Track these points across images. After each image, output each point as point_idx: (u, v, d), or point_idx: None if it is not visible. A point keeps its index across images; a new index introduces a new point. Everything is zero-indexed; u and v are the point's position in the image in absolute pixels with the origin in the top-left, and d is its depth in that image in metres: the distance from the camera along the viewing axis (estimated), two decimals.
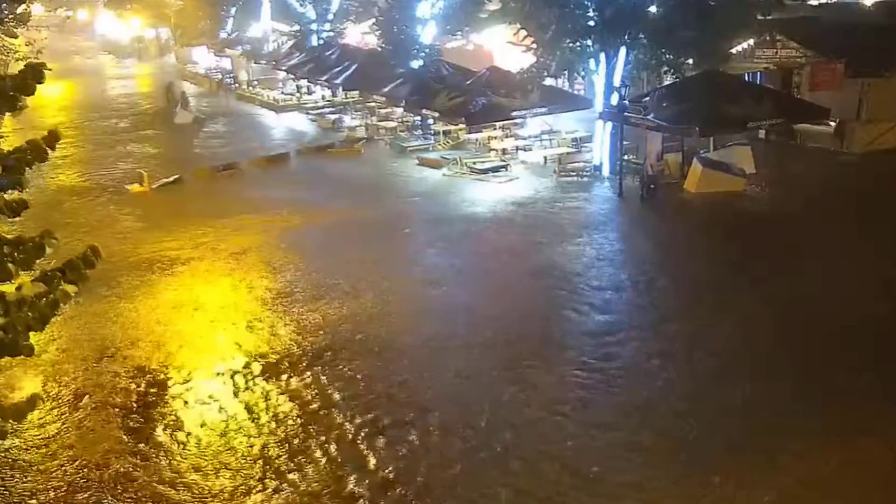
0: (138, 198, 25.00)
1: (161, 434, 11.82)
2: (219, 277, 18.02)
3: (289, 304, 16.17)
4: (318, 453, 11.09)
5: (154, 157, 30.83)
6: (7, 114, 7.60)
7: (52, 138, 7.44)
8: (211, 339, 14.97)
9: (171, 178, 26.28)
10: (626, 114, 22.68)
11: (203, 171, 27.53)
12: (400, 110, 32.32)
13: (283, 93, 42.13)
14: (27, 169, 7.46)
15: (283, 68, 41.34)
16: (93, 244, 7.74)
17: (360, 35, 41.88)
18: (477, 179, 24.98)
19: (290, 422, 11.92)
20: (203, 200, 24.30)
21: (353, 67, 34.01)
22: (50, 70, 8.06)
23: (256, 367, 13.65)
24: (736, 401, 11.92)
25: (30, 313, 7.26)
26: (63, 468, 11.11)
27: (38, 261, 7.62)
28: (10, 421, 8.02)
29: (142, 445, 11.52)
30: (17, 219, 8.08)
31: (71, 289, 7.43)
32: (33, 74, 7.57)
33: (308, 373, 13.34)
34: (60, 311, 7.93)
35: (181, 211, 23.07)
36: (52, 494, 10.58)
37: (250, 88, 45.09)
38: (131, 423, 12.11)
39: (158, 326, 15.55)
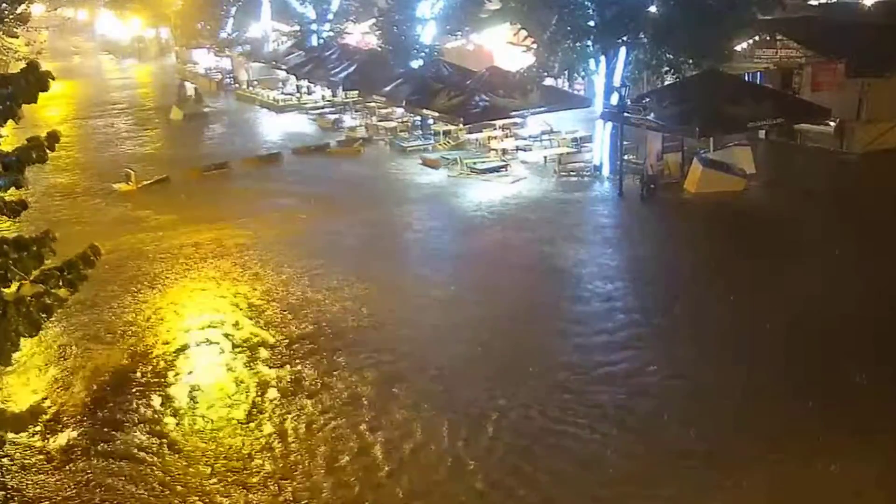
0: (124, 197, 25.02)
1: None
2: (194, 282, 17.89)
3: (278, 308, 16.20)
4: None
5: (149, 157, 30.83)
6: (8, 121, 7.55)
7: (52, 140, 7.41)
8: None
9: (159, 178, 26.36)
10: (626, 114, 22.68)
11: (193, 170, 27.54)
12: (400, 110, 32.31)
13: (282, 93, 42.12)
14: (26, 168, 7.43)
15: (283, 67, 41.38)
16: (93, 243, 7.70)
17: (361, 35, 41.89)
18: (483, 180, 24.93)
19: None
20: (188, 200, 24.28)
21: (353, 67, 34.02)
22: (53, 79, 8.00)
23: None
24: (736, 400, 11.92)
25: (21, 319, 7.18)
26: None
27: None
28: (10, 431, 7.95)
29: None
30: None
31: (64, 293, 7.39)
32: (37, 82, 7.52)
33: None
34: (53, 315, 7.83)
35: (165, 210, 23.15)
36: None
37: (250, 88, 45.08)
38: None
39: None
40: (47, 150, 7.34)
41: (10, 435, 10.41)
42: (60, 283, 7.45)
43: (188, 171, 27.47)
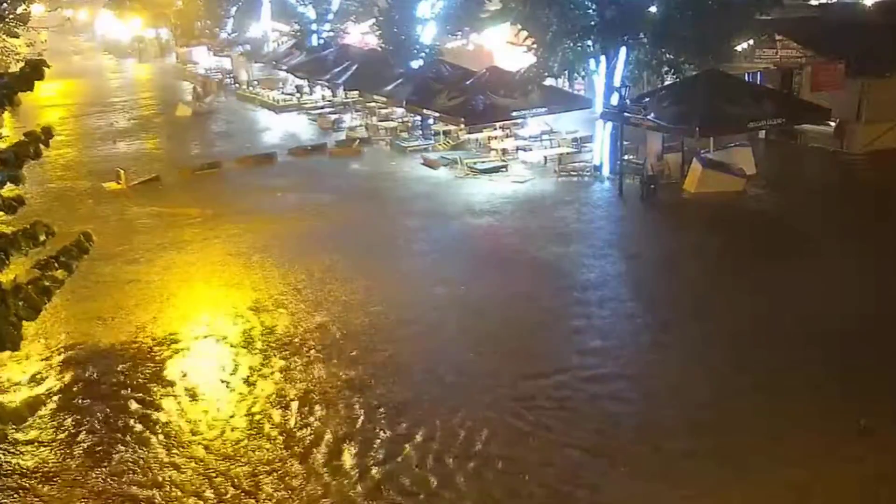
0: (113, 196, 25.09)
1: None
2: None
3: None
4: None
5: (146, 155, 30.95)
6: (6, 111, 7.65)
7: (46, 135, 7.45)
8: None
9: (149, 177, 26.44)
10: (626, 114, 22.67)
11: (184, 170, 27.57)
12: (400, 110, 32.30)
13: (283, 93, 42.16)
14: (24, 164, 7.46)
15: (283, 67, 41.47)
16: (86, 230, 7.74)
17: (361, 35, 41.93)
18: (489, 180, 24.86)
19: None
20: (175, 199, 24.41)
21: (354, 67, 34.03)
22: (49, 67, 8.08)
23: None
24: (740, 405, 11.85)
25: (20, 303, 7.28)
26: None
27: (32, 250, 7.65)
28: (10, 424, 8.02)
29: None
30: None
31: (61, 274, 7.46)
32: (34, 71, 7.58)
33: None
34: (51, 298, 7.91)
35: (151, 207, 23.41)
36: None
37: (250, 88, 45.12)
38: None
39: None
40: (41, 147, 7.38)
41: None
42: (56, 267, 7.52)
43: (180, 170, 27.53)
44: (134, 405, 12.69)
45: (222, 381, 13.24)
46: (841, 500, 9.80)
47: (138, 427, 12.03)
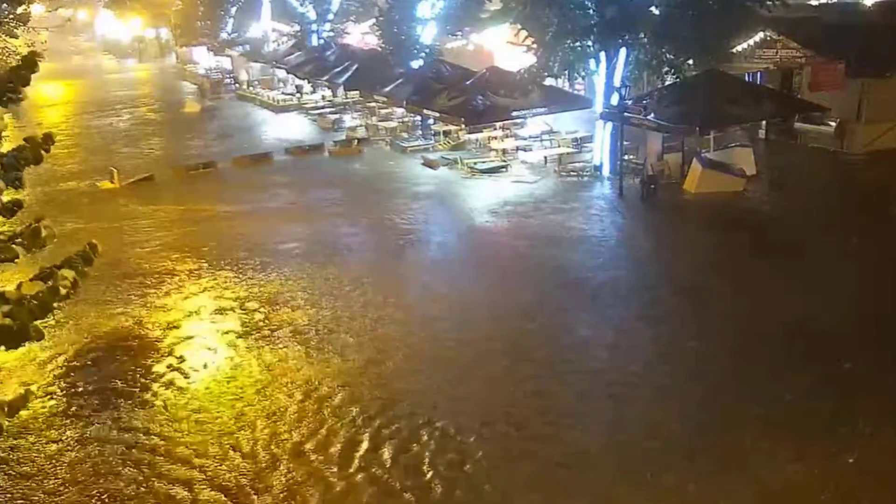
0: (107, 195, 25.18)
1: None
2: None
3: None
4: None
5: (144, 155, 30.99)
6: (7, 110, 7.75)
7: (47, 141, 7.52)
8: None
9: (143, 176, 26.52)
10: (626, 114, 22.67)
11: (178, 169, 27.60)
12: (400, 110, 32.31)
13: (283, 93, 42.17)
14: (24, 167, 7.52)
15: (284, 67, 41.53)
16: (91, 241, 7.80)
17: (361, 35, 41.95)
18: (492, 180, 24.83)
19: None
20: (169, 198, 24.51)
21: (354, 67, 34.05)
22: (42, 58, 8.13)
23: None
24: (740, 404, 11.84)
25: (34, 301, 7.44)
26: None
27: (38, 250, 7.77)
28: (4, 417, 8.13)
29: None
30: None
31: (69, 273, 7.55)
32: (28, 65, 7.64)
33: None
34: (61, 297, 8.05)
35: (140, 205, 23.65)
36: None
37: (250, 88, 45.14)
38: None
39: None
40: (42, 152, 7.47)
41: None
42: (62, 276, 7.68)
43: (174, 169, 27.58)
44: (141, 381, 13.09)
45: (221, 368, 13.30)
46: (841, 500, 9.80)
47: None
